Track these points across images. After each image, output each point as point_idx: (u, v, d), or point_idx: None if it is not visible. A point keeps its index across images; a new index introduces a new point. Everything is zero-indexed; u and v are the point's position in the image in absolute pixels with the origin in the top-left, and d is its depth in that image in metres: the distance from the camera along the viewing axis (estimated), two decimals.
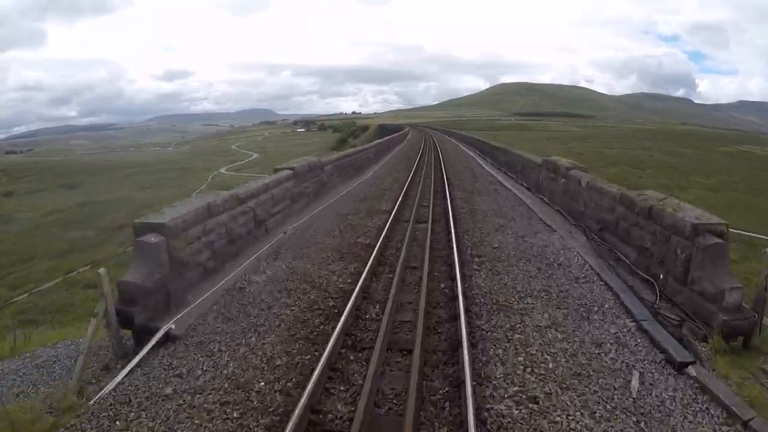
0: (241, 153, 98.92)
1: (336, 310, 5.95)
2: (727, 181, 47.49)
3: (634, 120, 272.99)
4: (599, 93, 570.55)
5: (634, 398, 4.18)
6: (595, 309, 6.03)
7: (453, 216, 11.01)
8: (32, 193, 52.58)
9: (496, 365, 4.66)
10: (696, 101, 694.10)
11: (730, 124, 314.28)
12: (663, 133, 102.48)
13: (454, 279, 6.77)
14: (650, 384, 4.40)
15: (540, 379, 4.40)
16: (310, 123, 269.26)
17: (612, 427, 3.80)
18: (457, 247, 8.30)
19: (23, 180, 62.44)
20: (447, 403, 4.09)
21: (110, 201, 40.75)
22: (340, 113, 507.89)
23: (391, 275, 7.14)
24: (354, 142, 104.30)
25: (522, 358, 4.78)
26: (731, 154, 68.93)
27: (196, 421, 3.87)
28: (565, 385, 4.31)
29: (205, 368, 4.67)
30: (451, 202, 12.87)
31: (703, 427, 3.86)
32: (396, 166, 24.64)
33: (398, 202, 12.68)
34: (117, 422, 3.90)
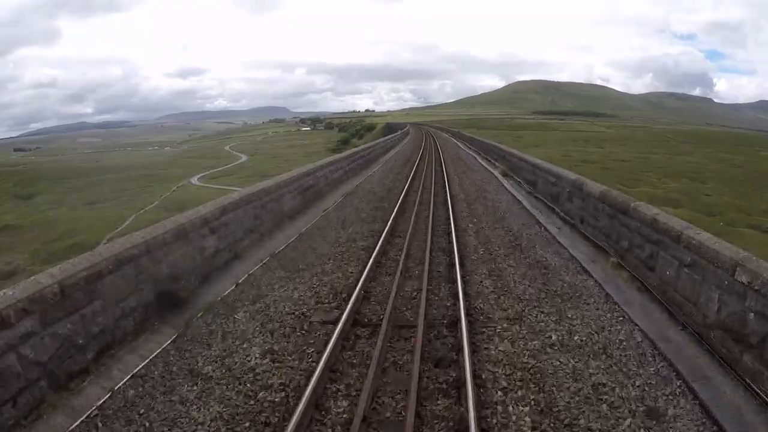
0: (232, 155, 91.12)
1: None
2: None
3: (659, 120, 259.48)
4: (618, 91, 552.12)
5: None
6: None
7: None
8: None
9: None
10: (716, 100, 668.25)
11: (752, 124, 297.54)
12: (697, 135, 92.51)
13: None
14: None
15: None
16: (316, 121, 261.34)
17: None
18: None
19: None
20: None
21: (36, 224, 32.90)
22: (354, 111, 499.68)
23: None
24: (358, 143, 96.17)
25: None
26: None
27: None
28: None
29: None
30: None
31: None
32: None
33: None
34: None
